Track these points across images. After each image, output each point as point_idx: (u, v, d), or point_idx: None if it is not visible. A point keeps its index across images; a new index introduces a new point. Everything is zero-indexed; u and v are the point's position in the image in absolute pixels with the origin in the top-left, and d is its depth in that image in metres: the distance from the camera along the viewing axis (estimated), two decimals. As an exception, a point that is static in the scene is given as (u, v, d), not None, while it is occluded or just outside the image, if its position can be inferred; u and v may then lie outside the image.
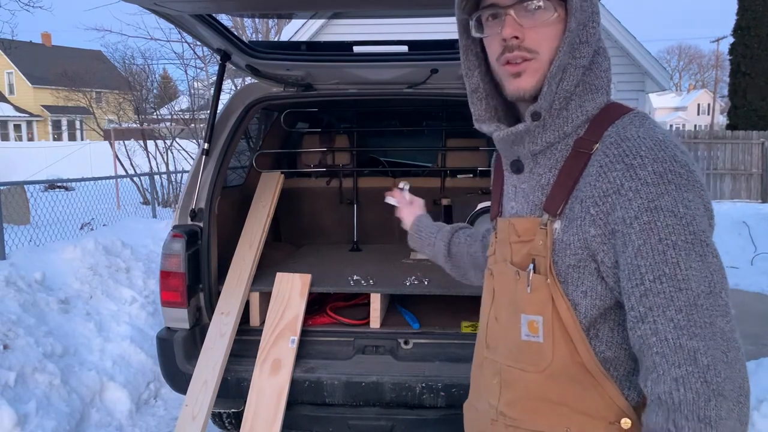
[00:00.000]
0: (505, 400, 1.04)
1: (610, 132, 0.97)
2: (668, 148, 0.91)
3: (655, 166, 0.89)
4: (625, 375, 0.99)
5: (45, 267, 4.33)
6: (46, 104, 36.75)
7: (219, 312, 2.85)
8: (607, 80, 1.02)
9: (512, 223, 1.05)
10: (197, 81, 12.81)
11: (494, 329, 1.09)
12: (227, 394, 2.74)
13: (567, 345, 0.97)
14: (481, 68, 1.06)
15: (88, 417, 3.46)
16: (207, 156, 2.89)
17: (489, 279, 1.14)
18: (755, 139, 14.38)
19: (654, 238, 0.88)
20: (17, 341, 3.45)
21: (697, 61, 65.21)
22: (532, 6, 0.95)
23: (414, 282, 2.97)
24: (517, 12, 0.95)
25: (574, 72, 0.97)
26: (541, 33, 0.95)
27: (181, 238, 2.74)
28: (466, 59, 1.07)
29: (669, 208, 0.88)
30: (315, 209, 4.14)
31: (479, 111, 1.08)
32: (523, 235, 1.03)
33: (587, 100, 1.00)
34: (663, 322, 0.86)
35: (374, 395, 2.63)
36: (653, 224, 0.88)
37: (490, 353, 1.10)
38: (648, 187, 0.89)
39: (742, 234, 8.19)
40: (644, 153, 0.90)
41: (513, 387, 1.03)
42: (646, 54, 10.69)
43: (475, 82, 1.07)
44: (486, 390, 1.10)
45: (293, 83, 3.03)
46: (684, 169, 0.90)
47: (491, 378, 1.08)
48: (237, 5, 2.66)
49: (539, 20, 0.95)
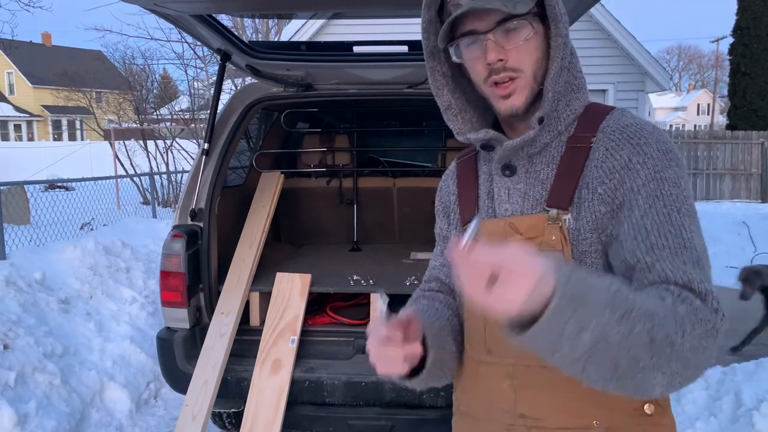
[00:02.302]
0: (526, 401, 1.02)
1: (607, 123, 1.03)
2: (663, 133, 1.01)
3: (659, 145, 0.98)
4: None
5: (45, 267, 4.33)
6: (46, 104, 36.76)
7: (219, 312, 2.85)
8: (583, 80, 1.07)
9: (511, 222, 1.05)
10: (197, 81, 12.83)
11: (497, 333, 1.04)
12: (227, 394, 2.74)
13: None
14: (449, 86, 1.09)
15: (88, 417, 3.46)
16: (207, 156, 2.90)
17: None
18: (755, 139, 14.37)
19: (659, 203, 0.94)
20: (17, 341, 3.45)
21: (696, 61, 65.21)
22: (510, 27, 0.97)
23: (414, 282, 2.97)
24: (495, 35, 0.97)
25: (561, 74, 1.01)
26: (522, 51, 0.99)
27: (181, 238, 2.74)
28: (434, 80, 1.09)
29: (673, 179, 0.96)
30: (315, 209, 4.14)
31: (457, 125, 1.10)
32: (526, 231, 1.03)
33: (573, 99, 1.05)
34: (672, 267, 0.90)
35: (374, 395, 2.63)
36: (659, 191, 0.95)
37: (492, 358, 1.07)
38: (654, 161, 0.96)
39: (741, 234, 8.19)
40: (647, 135, 0.99)
41: (534, 386, 1.02)
42: (645, 54, 10.68)
43: (447, 100, 1.09)
44: (493, 397, 1.06)
45: (293, 83, 3.03)
46: (677, 152, 1.00)
47: (499, 383, 1.05)
48: (237, 5, 2.66)
49: (519, 39, 0.98)
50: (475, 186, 1.15)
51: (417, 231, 4.05)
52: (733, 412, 3.21)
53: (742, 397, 3.21)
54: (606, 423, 0.98)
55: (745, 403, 3.16)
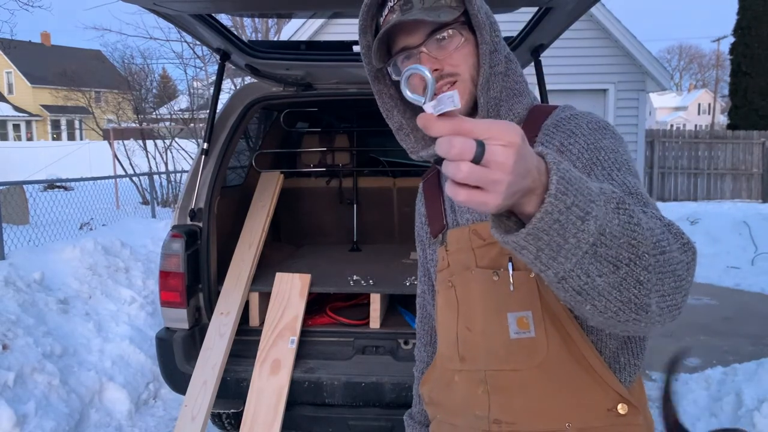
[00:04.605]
0: (498, 405, 1.03)
1: (548, 121, 1.05)
2: (598, 116, 1.03)
3: (590, 125, 1.00)
4: (613, 357, 1.00)
5: (44, 267, 4.32)
6: (45, 104, 36.74)
7: (218, 312, 2.84)
8: (524, 83, 1.08)
9: (474, 230, 1.07)
10: (197, 80, 12.82)
11: (468, 340, 1.08)
12: (227, 395, 2.74)
13: (560, 334, 0.98)
14: (398, 107, 1.10)
15: (88, 417, 3.46)
16: (206, 156, 2.89)
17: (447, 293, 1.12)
18: (756, 138, 14.37)
19: (597, 167, 0.94)
20: (16, 341, 3.44)
21: (697, 61, 65.18)
22: (440, 37, 0.99)
23: (414, 282, 2.96)
24: (428, 47, 1.00)
25: (495, 80, 1.02)
26: (455, 57, 1.00)
27: (180, 238, 2.73)
28: (382, 103, 1.10)
29: (609, 147, 0.97)
30: (315, 209, 4.13)
31: (410, 144, 1.11)
32: (489, 237, 1.04)
33: (515, 103, 1.06)
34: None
35: (374, 395, 2.63)
36: (595, 158, 0.95)
37: (466, 365, 1.08)
38: (585, 137, 0.98)
39: (742, 234, 8.19)
40: (578, 120, 1.02)
41: (506, 390, 1.02)
42: (646, 54, 10.67)
43: (398, 121, 1.10)
44: (468, 403, 1.07)
45: (293, 83, 3.02)
46: (613, 129, 1.01)
47: (473, 389, 1.06)
48: (237, 5, 2.65)
49: (451, 48, 1.00)
50: (440, 200, 1.19)
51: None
52: (733, 413, 3.20)
53: (743, 397, 3.20)
54: (579, 424, 0.98)
55: (746, 403, 3.16)
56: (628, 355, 1.02)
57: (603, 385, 0.98)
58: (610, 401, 0.98)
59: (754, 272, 7.09)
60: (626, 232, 0.72)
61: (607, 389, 0.98)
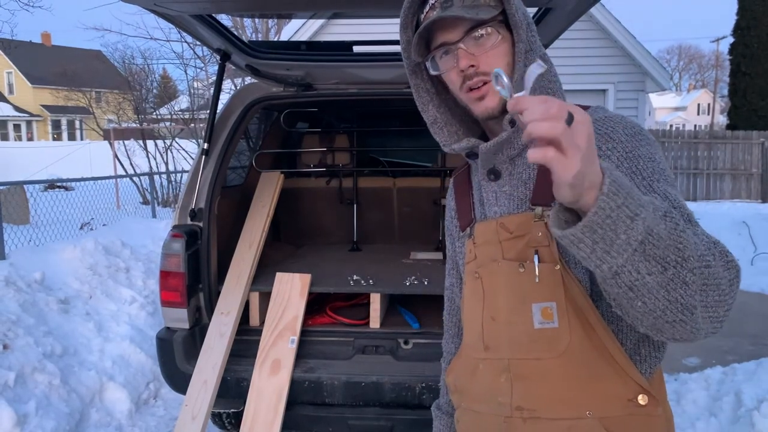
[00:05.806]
0: (520, 393, 1.05)
1: None
2: (632, 121, 1.05)
3: (626, 130, 1.02)
4: (634, 348, 1.02)
5: (45, 267, 4.33)
6: (46, 104, 36.75)
7: (219, 312, 2.85)
8: (558, 84, 1.12)
9: (501, 222, 1.10)
10: (197, 81, 12.82)
11: (492, 329, 1.10)
12: (227, 394, 2.74)
13: (583, 325, 1.00)
14: (434, 101, 1.15)
15: (88, 417, 3.46)
16: (207, 156, 2.89)
17: (473, 284, 1.15)
18: (755, 139, 14.38)
19: (638, 177, 0.97)
20: (17, 341, 3.45)
21: (697, 61, 65.20)
22: (478, 35, 1.03)
23: (414, 282, 2.97)
24: (466, 44, 1.03)
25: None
26: (492, 55, 1.03)
27: (180, 238, 2.74)
28: (418, 97, 1.15)
29: (646, 156, 0.99)
30: (315, 209, 4.13)
31: (443, 138, 1.16)
32: (515, 230, 1.07)
33: None
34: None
35: (374, 395, 2.63)
36: (635, 167, 0.98)
37: (490, 354, 1.11)
38: (623, 144, 1.00)
39: (742, 234, 8.19)
40: (614, 124, 1.03)
41: (528, 378, 1.05)
42: (646, 54, 10.68)
43: (432, 115, 1.15)
44: (491, 390, 1.10)
45: (293, 83, 3.02)
46: (647, 134, 1.03)
47: (496, 377, 1.09)
48: (237, 5, 2.65)
49: (488, 45, 1.03)
50: (469, 195, 1.22)
51: (417, 231, 4.05)
52: (733, 413, 3.21)
53: (743, 397, 3.21)
54: (599, 413, 1.00)
55: (746, 403, 3.16)
56: (649, 348, 1.04)
57: (623, 375, 0.99)
58: (631, 392, 1.00)
59: (754, 272, 7.09)
60: (672, 236, 0.80)
61: (628, 380, 1.00)
